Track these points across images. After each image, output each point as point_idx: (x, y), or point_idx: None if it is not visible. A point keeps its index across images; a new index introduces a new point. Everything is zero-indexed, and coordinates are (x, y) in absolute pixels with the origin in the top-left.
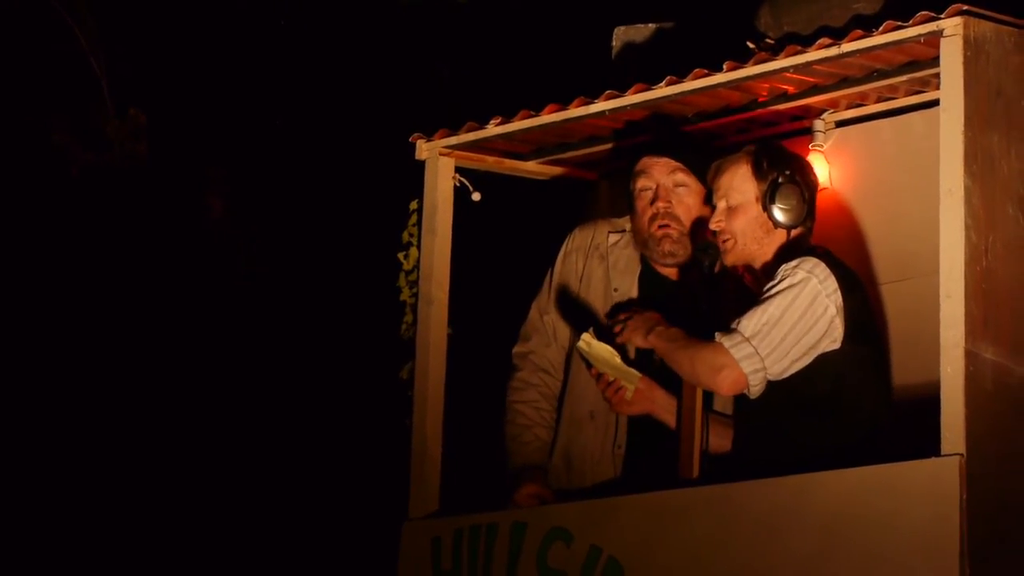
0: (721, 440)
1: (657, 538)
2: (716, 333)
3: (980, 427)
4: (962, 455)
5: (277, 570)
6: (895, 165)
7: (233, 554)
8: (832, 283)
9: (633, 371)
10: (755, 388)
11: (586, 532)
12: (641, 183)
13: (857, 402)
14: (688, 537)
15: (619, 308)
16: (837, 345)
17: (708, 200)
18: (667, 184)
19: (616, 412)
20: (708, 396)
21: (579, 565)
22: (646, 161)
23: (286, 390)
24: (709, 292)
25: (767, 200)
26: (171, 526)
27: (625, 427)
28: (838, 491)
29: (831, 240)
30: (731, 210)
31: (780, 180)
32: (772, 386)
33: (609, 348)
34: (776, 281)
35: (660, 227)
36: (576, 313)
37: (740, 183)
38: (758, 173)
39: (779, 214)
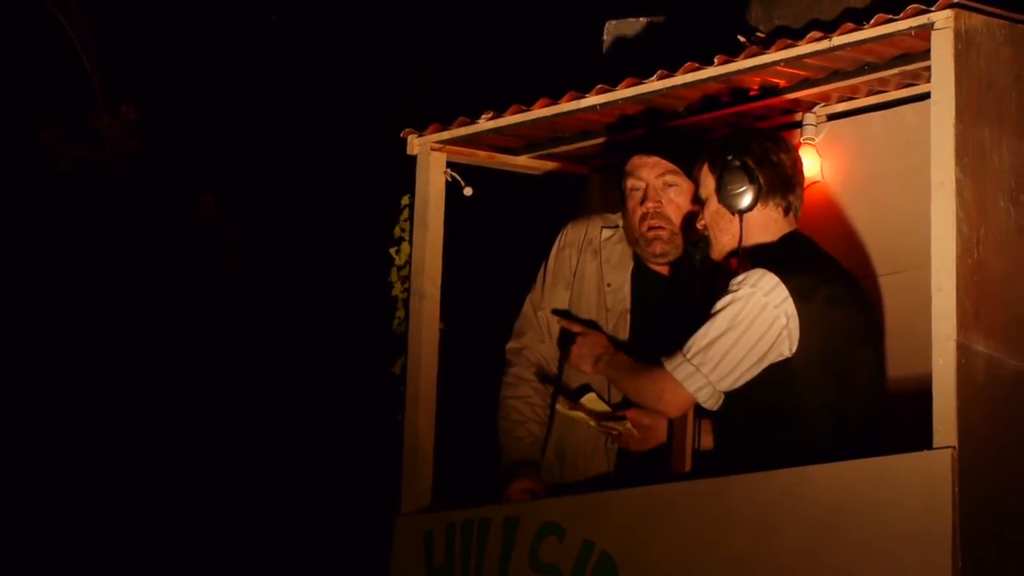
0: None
1: (650, 532)
2: (661, 357)
3: (972, 420)
4: (954, 448)
5: (271, 564)
6: (886, 158)
7: (226, 548)
8: (781, 292)
9: (618, 414)
10: (708, 402)
11: (579, 527)
12: (631, 183)
13: (818, 405)
14: (681, 531)
15: (566, 334)
16: (791, 352)
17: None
18: (656, 184)
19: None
20: None
21: (572, 560)
22: (636, 161)
23: (278, 385)
24: (701, 286)
25: (718, 189)
26: (164, 521)
27: None
28: (830, 484)
29: (822, 233)
30: (704, 205)
31: (725, 168)
32: (730, 396)
33: (585, 407)
34: (722, 297)
35: (650, 228)
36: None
37: (703, 178)
38: (712, 165)
39: (728, 200)
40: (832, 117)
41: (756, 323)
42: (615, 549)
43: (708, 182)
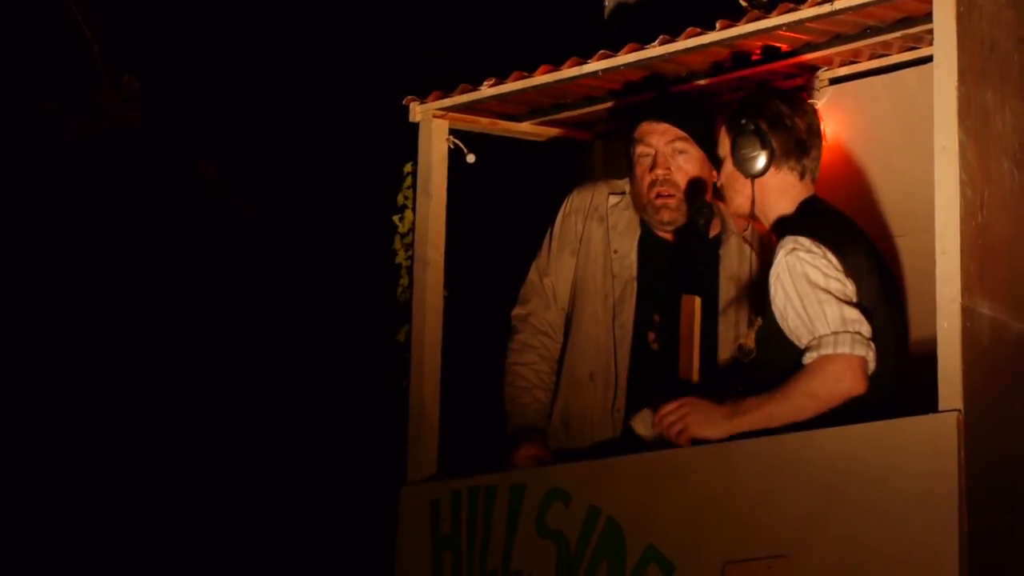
0: None
1: (656, 497)
2: (804, 357)
3: (977, 383)
4: (959, 411)
5: (276, 535)
6: (889, 122)
7: (230, 521)
8: (819, 247)
9: None
10: (870, 356)
11: (585, 493)
12: (640, 149)
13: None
14: (687, 496)
15: (646, 407)
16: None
17: (711, 163)
18: (666, 151)
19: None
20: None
21: (578, 525)
22: (645, 127)
23: (282, 355)
24: (705, 252)
25: (732, 152)
26: (170, 497)
27: (624, 389)
28: (836, 448)
29: (825, 197)
30: (722, 165)
31: (740, 132)
32: (764, 355)
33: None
34: (772, 275)
35: (659, 196)
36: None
37: (721, 138)
38: (728, 127)
39: (741, 164)
40: (834, 81)
41: (824, 271)
42: (621, 515)
43: (724, 143)
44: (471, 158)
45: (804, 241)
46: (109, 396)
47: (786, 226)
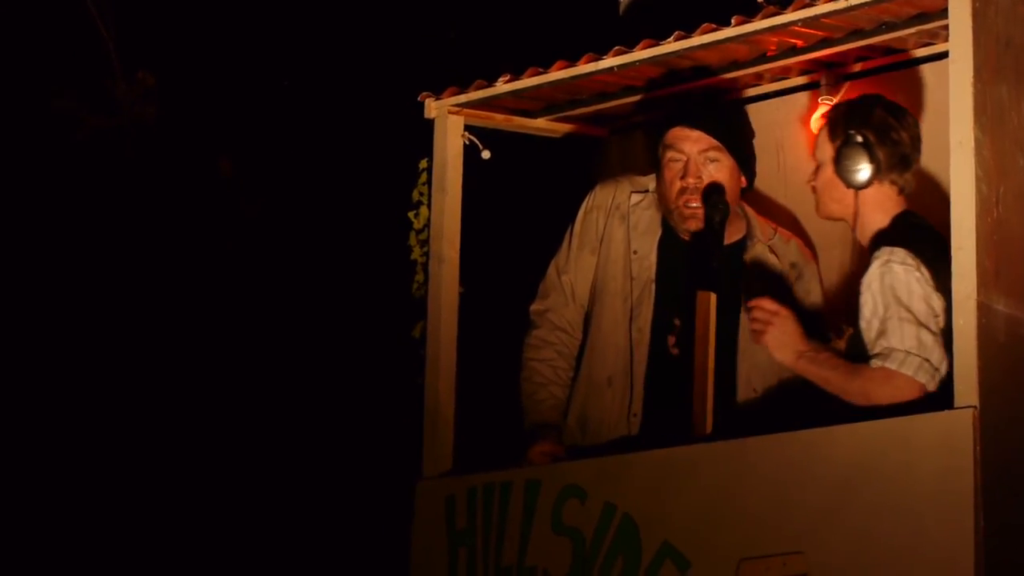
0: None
1: (671, 494)
2: (872, 360)
3: (993, 379)
4: (975, 407)
5: (291, 531)
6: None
7: (245, 516)
8: (911, 258)
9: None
10: (931, 384)
11: (600, 489)
12: (671, 154)
13: None
14: (702, 492)
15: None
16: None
17: (740, 171)
18: (698, 159)
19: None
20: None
21: (594, 522)
22: (678, 133)
23: (297, 351)
24: (721, 250)
25: (836, 161)
26: (184, 489)
27: (641, 394)
28: (851, 445)
29: None
30: (818, 168)
31: (846, 142)
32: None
33: None
34: (864, 284)
35: (687, 204)
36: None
37: (820, 142)
38: (831, 133)
39: (845, 175)
40: (850, 77)
41: (913, 287)
42: (637, 511)
43: (825, 149)
44: (486, 154)
45: (899, 253)
46: (122, 393)
47: (881, 239)
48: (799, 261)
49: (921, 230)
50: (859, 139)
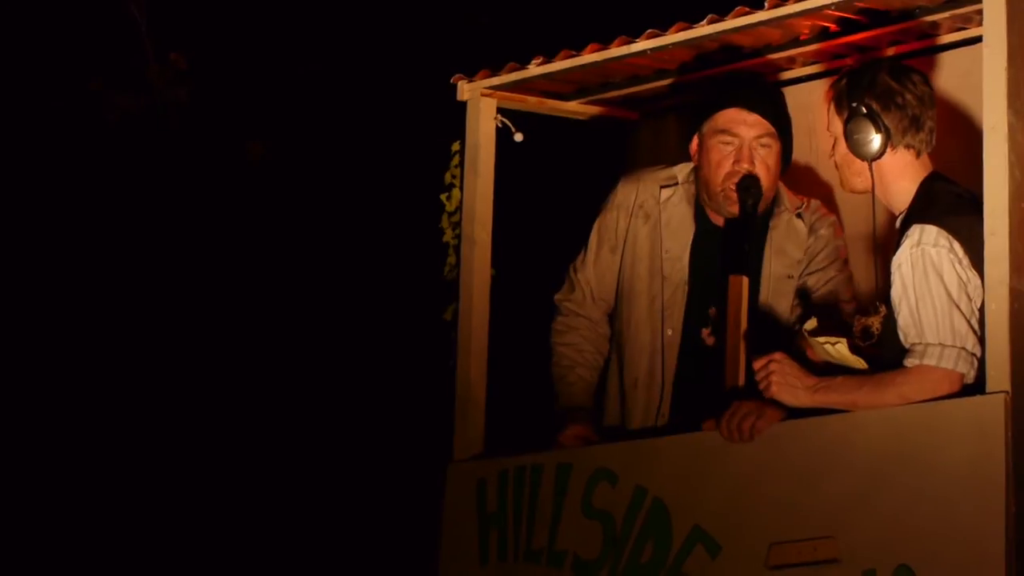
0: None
1: (702, 478)
2: (907, 357)
3: None
4: (1007, 392)
5: (323, 513)
6: (938, 102)
7: (275, 499)
8: (943, 237)
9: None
10: (971, 374)
11: (631, 473)
12: (724, 137)
13: None
14: (733, 477)
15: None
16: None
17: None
18: (753, 144)
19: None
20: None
21: (624, 506)
22: (734, 115)
23: (330, 333)
24: (752, 232)
25: (846, 135)
26: (219, 472)
27: (669, 397)
28: (882, 430)
29: None
30: (835, 142)
31: (851, 115)
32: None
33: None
34: (896, 270)
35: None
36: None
37: (831, 117)
38: (838, 106)
39: (856, 149)
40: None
41: (944, 268)
42: (667, 495)
43: (836, 124)
44: (519, 137)
45: (930, 233)
46: (154, 376)
47: (912, 212)
48: (827, 233)
49: (949, 196)
50: (863, 110)
